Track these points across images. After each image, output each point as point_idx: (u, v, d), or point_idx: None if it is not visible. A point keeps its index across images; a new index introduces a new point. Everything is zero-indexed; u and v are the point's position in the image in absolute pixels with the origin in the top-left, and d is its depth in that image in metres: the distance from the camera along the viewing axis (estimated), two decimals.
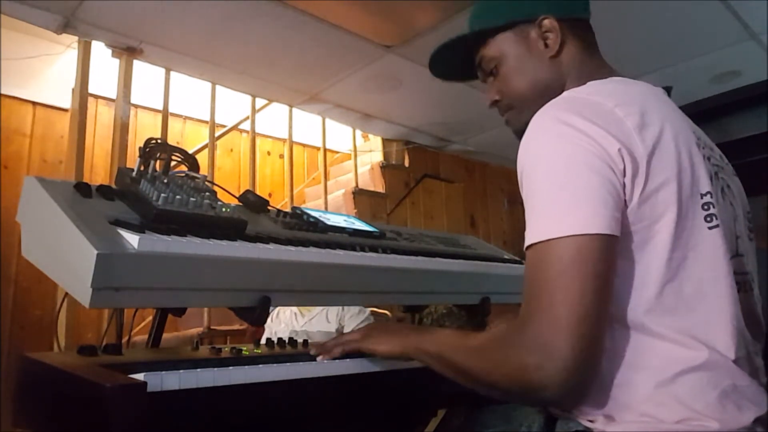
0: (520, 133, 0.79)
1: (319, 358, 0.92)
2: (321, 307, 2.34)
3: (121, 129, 2.66)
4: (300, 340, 1.09)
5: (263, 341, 1.08)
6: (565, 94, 0.82)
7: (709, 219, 0.74)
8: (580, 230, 0.67)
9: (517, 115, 0.94)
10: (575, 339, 0.64)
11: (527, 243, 0.71)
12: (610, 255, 0.69)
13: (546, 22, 0.89)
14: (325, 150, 3.77)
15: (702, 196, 0.75)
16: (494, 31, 0.93)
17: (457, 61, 1.01)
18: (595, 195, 0.69)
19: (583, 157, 0.70)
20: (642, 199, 0.71)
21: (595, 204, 0.68)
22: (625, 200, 0.71)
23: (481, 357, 0.75)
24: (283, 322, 2.40)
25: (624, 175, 0.70)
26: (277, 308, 2.45)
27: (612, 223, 0.68)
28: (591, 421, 0.74)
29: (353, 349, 0.93)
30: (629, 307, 0.72)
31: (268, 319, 2.45)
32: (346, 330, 2.29)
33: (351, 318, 2.32)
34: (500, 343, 0.73)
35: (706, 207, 0.74)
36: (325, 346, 0.95)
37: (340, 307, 2.33)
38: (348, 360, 0.94)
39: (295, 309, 2.40)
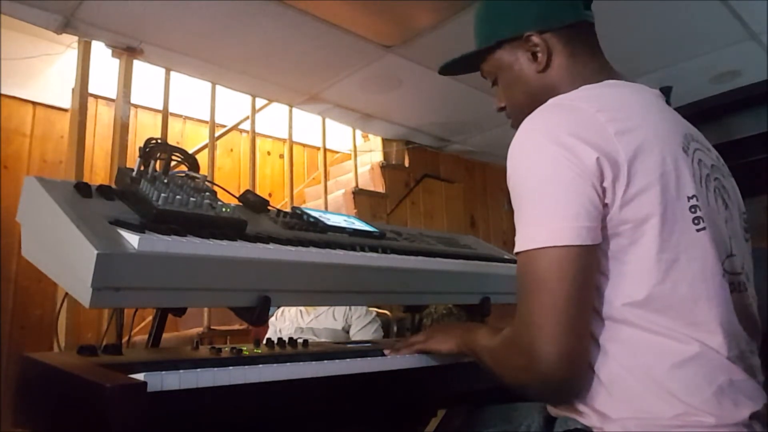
0: None
1: (387, 353, 1.01)
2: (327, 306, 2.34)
3: (121, 129, 2.66)
4: (305, 338, 1.10)
5: (264, 341, 1.08)
6: (551, 100, 0.84)
7: (696, 221, 0.76)
8: (555, 242, 0.72)
9: (516, 123, 0.97)
10: (554, 346, 0.70)
11: (515, 250, 0.76)
12: (587, 263, 0.73)
13: (532, 38, 0.91)
14: (325, 150, 3.77)
15: (689, 199, 0.76)
16: (487, 51, 0.97)
17: (467, 66, 1.05)
18: (573, 207, 0.72)
19: (560, 171, 0.74)
20: (624, 202, 0.73)
21: (574, 215, 0.72)
22: (606, 204, 0.74)
23: (492, 358, 0.84)
24: (288, 319, 2.40)
25: (602, 181, 0.73)
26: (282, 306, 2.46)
27: (590, 234, 0.72)
28: (589, 419, 0.75)
29: (420, 349, 1.01)
30: (620, 306, 0.74)
31: (273, 317, 2.46)
32: (353, 330, 2.30)
33: (358, 318, 2.32)
34: (503, 346, 0.80)
35: (693, 210, 0.76)
36: (394, 347, 1.04)
37: (347, 307, 2.33)
38: (348, 360, 0.94)
39: (300, 307, 2.41)
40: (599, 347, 0.75)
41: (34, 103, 3.18)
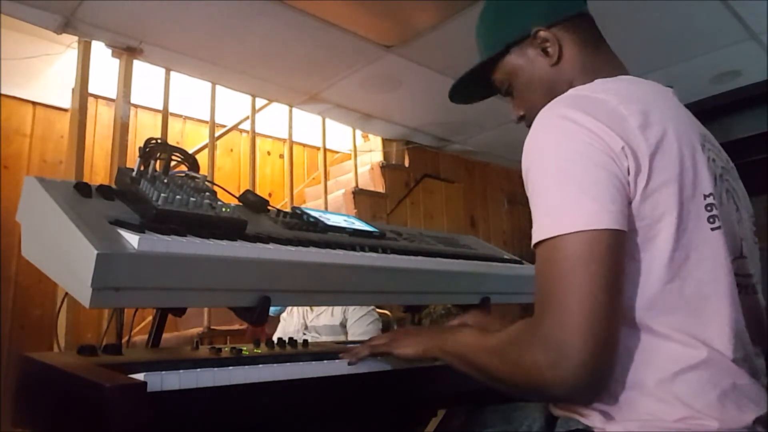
0: None
1: (347, 360, 0.93)
2: None
3: (121, 129, 2.66)
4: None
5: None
6: (570, 91, 0.82)
7: (711, 220, 0.74)
8: (588, 225, 0.67)
9: None
10: (587, 336, 0.64)
11: (536, 240, 0.71)
12: (619, 250, 0.68)
13: (540, 34, 0.90)
14: (325, 150, 3.77)
15: (705, 197, 0.75)
16: (496, 58, 0.96)
17: (476, 86, 1.04)
18: (602, 190, 0.69)
19: (588, 153, 0.71)
20: (643, 198, 0.71)
21: (603, 199, 0.69)
22: (628, 197, 0.71)
23: (499, 356, 0.75)
24: (296, 317, 2.42)
25: (628, 173, 0.71)
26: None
27: (620, 218, 0.69)
28: (591, 419, 0.74)
29: (382, 352, 0.94)
30: (630, 305, 0.72)
31: (285, 312, 2.48)
32: (349, 323, 2.32)
33: (353, 311, 2.34)
34: (516, 342, 0.73)
35: (708, 208, 0.75)
36: (353, 350, 0.95)
37: None
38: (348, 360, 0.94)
39: None
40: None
41: (34, 103, 3.18)
